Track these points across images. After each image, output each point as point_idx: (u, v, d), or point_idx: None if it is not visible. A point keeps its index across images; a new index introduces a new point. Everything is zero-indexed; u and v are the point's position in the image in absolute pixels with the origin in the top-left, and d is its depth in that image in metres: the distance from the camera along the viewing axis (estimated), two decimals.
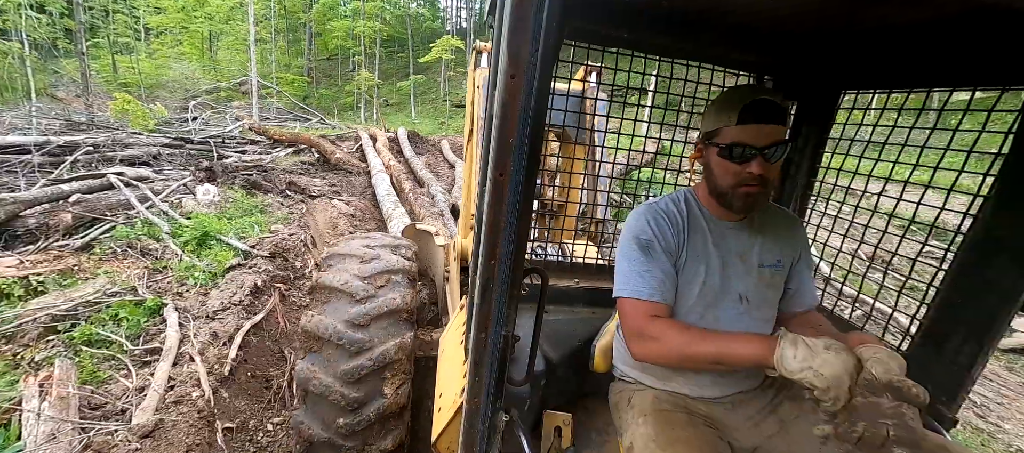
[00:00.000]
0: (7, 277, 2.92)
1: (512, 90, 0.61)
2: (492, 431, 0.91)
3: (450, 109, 21.28)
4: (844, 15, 1.00)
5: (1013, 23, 0.87)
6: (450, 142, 12.37)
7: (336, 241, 2.74)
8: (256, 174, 6.19)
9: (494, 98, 0.75)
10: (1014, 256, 1.00)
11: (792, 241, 1.18)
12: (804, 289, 1.20)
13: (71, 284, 3.03)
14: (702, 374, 1.15)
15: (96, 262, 3.43)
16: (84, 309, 2.75)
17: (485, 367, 0.84)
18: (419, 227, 2.94)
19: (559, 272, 1.75)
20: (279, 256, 3.75)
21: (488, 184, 0.72)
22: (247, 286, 3.11)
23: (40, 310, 2.68)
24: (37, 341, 2.55)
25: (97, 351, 2.54)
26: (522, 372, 1.06)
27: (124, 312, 2.78)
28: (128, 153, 6.96)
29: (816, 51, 1.26)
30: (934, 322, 1.17)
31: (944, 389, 1.13)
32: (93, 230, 4.07)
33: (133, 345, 2.61)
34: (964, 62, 1.05)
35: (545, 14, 0.59)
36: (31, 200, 4.15)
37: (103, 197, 4.73)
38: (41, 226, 4.11)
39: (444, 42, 20.12)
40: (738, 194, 1.03)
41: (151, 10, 25.38)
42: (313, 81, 26.56)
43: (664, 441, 1.00)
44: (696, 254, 1.11)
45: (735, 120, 0.99)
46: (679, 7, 1.04)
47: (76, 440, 1.94)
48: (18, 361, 2.42)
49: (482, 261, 0.76)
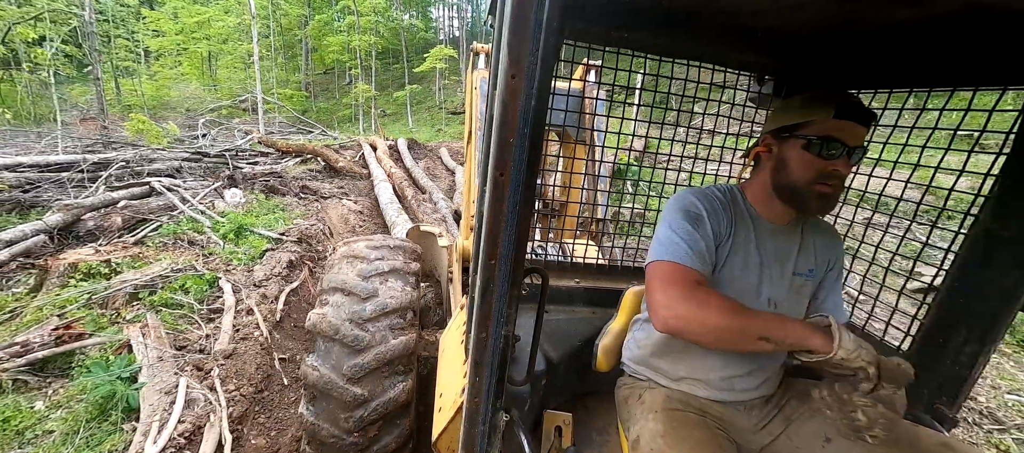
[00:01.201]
0: (91, 261, 3.67)
1: (512, 90, 0.62)
2: (492, 431, 0.91)
3: (446, 116, 22.14)
4: (844, 15, 0.99)
5: (1013, 23, 0.87)
6: (448, 148, 12.98)
7: (346, 238, 3.17)
8: (272, 180, 6.97)
9: (494, 98, 0.75)
10: (1015, 256, 1.00)
11: (829, 253, 1.17)
12: (833, 303, 1.18)
13: (141, 266, 3.78)
14: (716, 376, 1.13)
15: (154, 251, 4.18)
16: (158, 281, 3.50)
17: (485, 367, 0.85)
18: (423, 229, 3.00)
19: (560, 272, 1.76)
20: (304, 241, 4.50)
21: (488, 184, 0.73)
22: (283, 262, 3.86)
23: (124, 282, 3.43)
24: (126, 305, 3.30)
25: (173, 311, 3.28)
26: (522, 372, 1.06)
27: (189, 283, 3.53)
28: (154, 167, 7.74)
29: (816, 51, 1.25)
30: (935, 322, 1.16)
31: (945, 389, 1.13)
32: (140, 229, 4.83)
33: (199, 306, 3.35)
34: (964, 62, 1.04)
35: (545, 14, 0.59)
36: (90, 205, 4.93)
37: (146, 202, 5.51)
38: (98, 227, 4.88)
39: (438, 51, 21.03)
40: (814, 192, 1.00)
41: (150, 34, 26.51)
42: (311, 95, 27.53)
43: (671, 439, 1.00)
44: (738, 247, 1.10)
45: (833, 113, 0.97)
46: (679, 7, 1.04)
47: (177, 361, 2.67)
48: (115, 319, 3.16)
49: (482, 261, 0.77)
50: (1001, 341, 1.08)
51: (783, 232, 1.12)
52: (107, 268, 3.67)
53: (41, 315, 3.12)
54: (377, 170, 8.71)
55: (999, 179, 1.04)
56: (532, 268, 0.95)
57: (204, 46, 25.33)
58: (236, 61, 25.72)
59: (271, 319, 3.17)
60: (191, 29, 24.91)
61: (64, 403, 2.48)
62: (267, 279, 3.65)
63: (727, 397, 1.15)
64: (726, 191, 1.16)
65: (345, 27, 24.33)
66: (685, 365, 1.16)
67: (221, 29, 22.29)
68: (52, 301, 3.24)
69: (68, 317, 3.04)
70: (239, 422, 2.36)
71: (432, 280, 3.14)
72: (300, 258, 4.10)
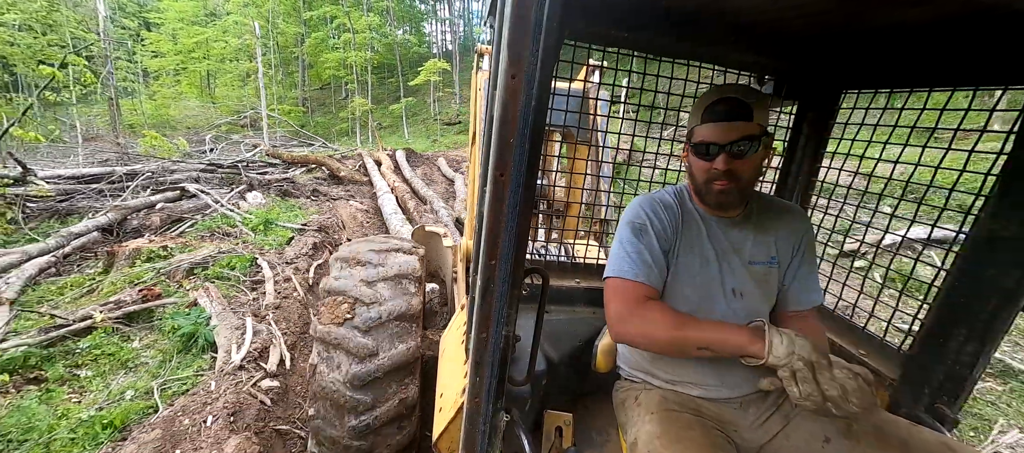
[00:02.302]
0: (150, 247, 4.50)
1: (512, 90, 0.63)
2: (493, 431, 0.92)
3: (441, 127, 23.16)
4: (844, 15, 0.99)
5: (1013, 23, 0.87)
6: (446, 157, 13.39)
7: (349, 238, 3.76)
8: (286, 185, 7.82)
9: (495, 98, 0.76)
10: (1015, 256, 1.01)
11: (790, 236, 1.18)
12: (801, 287, 1.19)
13: (190, 251, 4.60)
14: (708, 375, 1.16)
15: (197, 241, 5.01)
16: (208, 260, 4.33)
17: (486, 367, 0.86)
18: (428, 229, 3.11)
19: (560, 272, 1.77)
20: (323, 230, 5.34)
21: (488, 184, 0.74)
22: (309, 244, 4.70)
23: (181, 261, 4.25)
24: (185, 278, 4.11)
25: (223, 282, 4.09)
26: (523, 372, 1.08)
27: (234, 261, 4.35)
28: (174, 177, 8.57)
29: (816, 51, 1.25)
30: (935, 322, 1.17)
31: (945, 389, 1.14)
32: (177, 227, 5.66)
33: (244, 278, 4.18)
34: (964, 62, 1.06)
35: (545, 14, 0.60)
36: (134, 206, 5.76)
37: (179, 205, 6.34)
38: (140, 225, 5.70)
39: (431, 65, 22.11)
40: (711, 190, 1.09)
41: (149, 55, 27.60)
42: (308, 110, 28.58)
43: (668, 439, 1.02)
44: (690, 246, 1.15)
45: (700, 119, 1.06)
46: (679, 7, 1.03)
47: (237, 312, 3.49)
48: (178, 288, 3.98)
49: (482, 261, 0.78)
50: (1001, 341, 1.08)
51: (732, 223, 1.17)
52: (164, 252, 4.50)
53: (116, 287, 3.93)
54: (380, 182, 8.94)
55: (999, 179, 1.05)
56: (532, 268, 0.97)
57: (203, 66, 26.41)
58: (234, 79, 26.85)
59: (304, 285, 4.00)
60: (189, 49, 26.04)
61: (152, 344, 3.28)
62: (297, 257, 4.48)
63: (720, 395, 1.17)
64: (676, 193, 1.22)
65: (341, 44, 25.52)
66: (676, 366, 1.20)
67: (223, 50, 23.35)
68: (125, 277, 4.06)
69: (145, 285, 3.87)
70: (291, 349, 3.18)
71: (437, 280, 3.23)
72: (321, 242, 4.94)
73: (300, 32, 29.07)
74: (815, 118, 1.53)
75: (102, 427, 2.43)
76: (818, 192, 1.61)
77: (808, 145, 1.56)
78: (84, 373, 2.94)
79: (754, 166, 1.08)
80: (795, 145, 1.59)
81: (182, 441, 2.26)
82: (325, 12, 26.19)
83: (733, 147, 1.03)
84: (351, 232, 6.05)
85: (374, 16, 25.24)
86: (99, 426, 2.43)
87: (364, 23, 24.02)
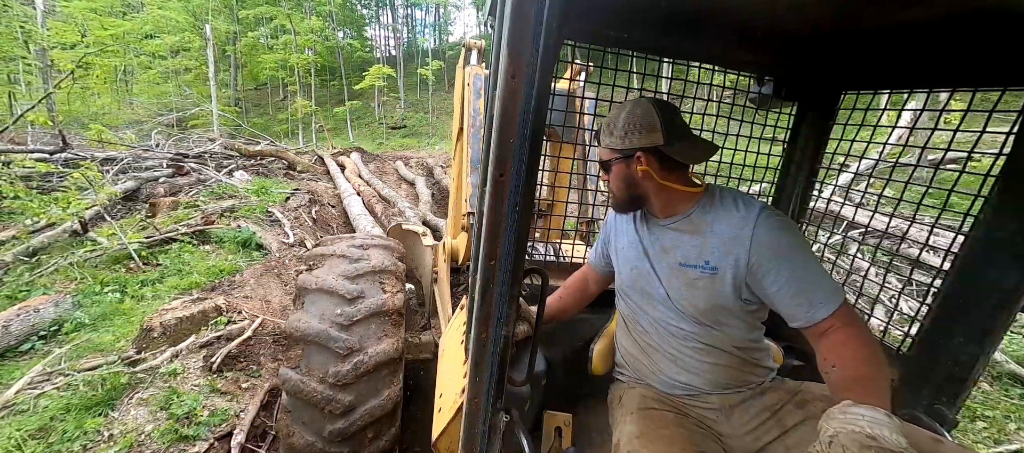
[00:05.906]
0: (182, 201, 6.45)
1: (512, 90, 0.66)
2: (492, 431, 0.96)
3: (386, 131, 25.12)
4: (844, 15, 1.03)
5: (1013, 23, 0.90)
6: (404, 160, 13.98)
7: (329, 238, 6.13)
8: (261, 169, 9.73)
9: (494, 98, 0.78)
10: (1014, 256, 1.04)
11: (734, 245, 1.12)
12: (793, 300, 1.06)
13: (215, 203, 6.59)
14: (663, 369, 1.26)
15: (214, 201, 6.97)
16: (235, 206, 6.40)
17: (485, 367, 0.90)
18: (405, 227, 3.13)
19: (560, 273, 1.84)
20: (311, 193, 7.53)
21: (488, 184, 0.76)
22: (305, 199, 6.91)
23: (214, 209, 6.27)
24: (219, 218, 6.15)
25: (249, 219, 6.19)
26: (522, 372, 1.12)
27: (250, 210, 6.45)
28: (148, 164, 10.04)
29: (816, 52, 1.30)
30: (935, 323, 1.21)
31: (945, 390, 1.18)
32: (181, 195, 7.48)
33: (263, 218, 6.30)
34: (964, 62, 1.10)
35: (545, 14, 0.63)
36: (144, 179, 7.51)
37: (176, 181, 8.08)
38: (149, 195, 7.45)
39: (376, 70, 24.03)
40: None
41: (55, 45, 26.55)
42: (243, 111, 29.03)
43: (647, 439, 1.08)
44: (630, 243, 1.33)
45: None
46: (679, 7, 1.07)
47: (271, 229, 5.68)
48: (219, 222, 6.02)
49: (482, 261, 0.81)
50: (1001, 341, 1.05)
51: (667, 225, 1.24)
52: (194, 204, 6.47)
53: (167, 223, 5.90)
54: (345, 184, 8.93)
55: (999, 179, 1.07)
56: (532, 268, 1.01)
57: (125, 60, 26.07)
58: (155, 77, 26.70)
59: (307, 221, 6.25)
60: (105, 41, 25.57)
61: (216, 250, 5.37)
62: (299, 207, 6.70)
63: (676, 393, 1.26)
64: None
65: (280, 45, 26.60)
66: (633, 364, 1.36)
67: (157, 47, 23.67)
68: (174, 218, 6.02)
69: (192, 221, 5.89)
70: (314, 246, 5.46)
71: (413, 280, 3.28)
72: (312, 200, 7.16)
73: (232, 30, 29.55)
74: (815, 118, 1.60)
75: (218, 271, 4.59)
76: (818, 192, 1.69)
77: (808, 145, 1.64)
78: (185, 257, 5.02)
79: (614, 180, 1.24)
80: (795, 145, 1.68)
81: (272, 274, 4.52)
82: (261, 12, 27.16)
83: (605, 164, 1.26)
84: (330, 199, 8.24)
85: (316, 19, 26.69)
86: (215, 272, 4.59)
87: (307, 26, 25.43)
